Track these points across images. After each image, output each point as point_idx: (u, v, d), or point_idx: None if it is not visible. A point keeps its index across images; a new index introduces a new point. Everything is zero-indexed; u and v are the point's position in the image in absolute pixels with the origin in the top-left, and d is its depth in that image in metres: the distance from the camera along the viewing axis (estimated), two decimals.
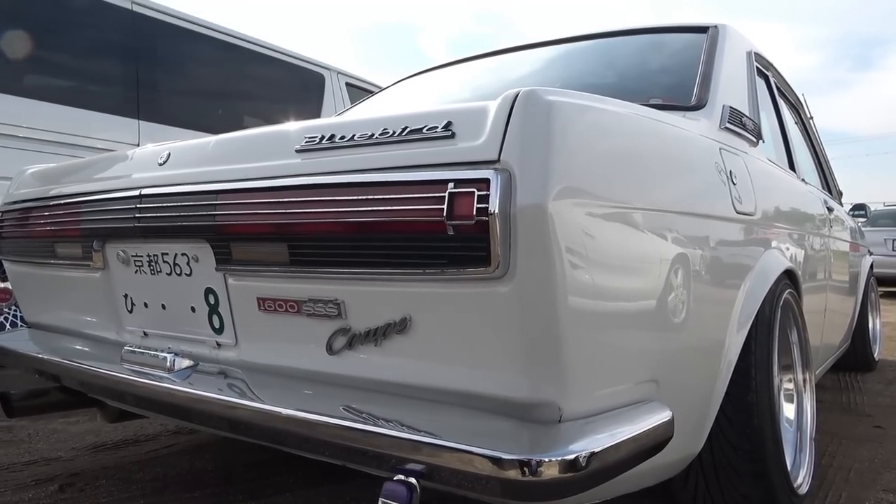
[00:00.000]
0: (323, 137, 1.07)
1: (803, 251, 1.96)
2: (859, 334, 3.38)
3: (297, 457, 1.29)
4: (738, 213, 1.39)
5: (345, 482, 1.76)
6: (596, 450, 0.86)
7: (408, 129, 0.98)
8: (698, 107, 1.53)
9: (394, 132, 0.99)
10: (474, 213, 0.87)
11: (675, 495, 1.44)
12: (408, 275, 0.96)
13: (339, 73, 5.15)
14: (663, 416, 1.00)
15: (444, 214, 0.89)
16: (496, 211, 0.86)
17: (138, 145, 3.51)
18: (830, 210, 2.60)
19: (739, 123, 1.60)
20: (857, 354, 3.45)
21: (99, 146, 3.38)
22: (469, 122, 0.93)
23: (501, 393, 0.94)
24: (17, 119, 3.17)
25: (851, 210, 3.87)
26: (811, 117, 3.09)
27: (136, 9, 3.78)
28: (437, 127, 0.95)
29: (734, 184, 1.41)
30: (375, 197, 0.96)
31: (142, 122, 3.73)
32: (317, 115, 4.77)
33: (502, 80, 2.14)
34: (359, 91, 5.17)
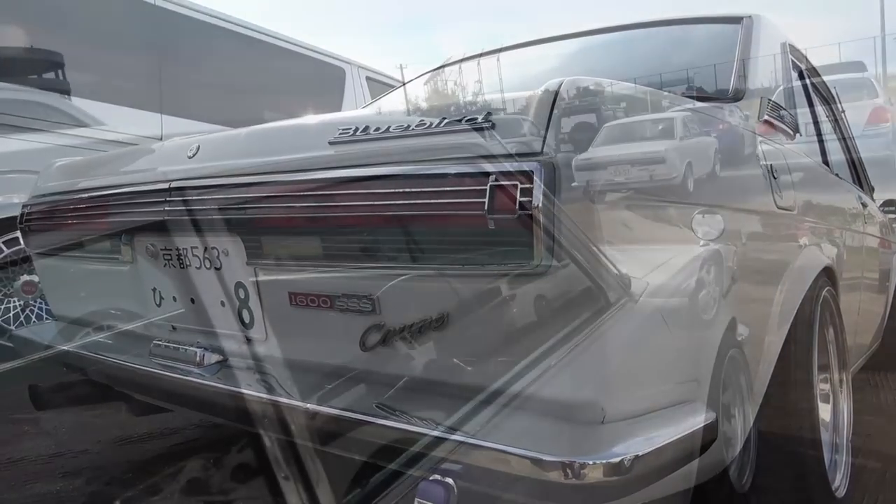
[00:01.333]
0: (358, 129, 1.05)
1: (840, 248, 1.91)
2: (889, 333, 3.32)
3: (323, 453, 1.27)
4: (778, 208, 1.35)
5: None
6: (640, 452, 0.83)
7: (446, 121, 0.95)
8: (736, 98, 1.49)
9: (431, 124, 0.96)
10: (517, 206, 0.84)
11: (708, 496, 1.41)
12: (446, 270, 0.94)
13: (359, 67, 5.13)
14: (707, 417, 0.97)
15: (486, 208, 0.86)
16: (539, 205, 0.83)
17: (161, 139, 3.52)
18: (864, 206, 2.54)
19: (777, 116, 1.56)
20: (887, 354, 3.38)
21: (121, 140, 3.39)
22: (510, 113, 0.91)
23: (541, 392, 0.92)
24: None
25: (882, 206, 3.79)
26: (843, 111, 3.02)
27: (159, 2, 3.78)
28: (476, 118, 0.92)
29: (774, 178, 1.37)
30: (412, 190, 0.93)
31: (164, 116, 3.74)
32: (337, 108, 4.76)
33: (533, 72, 2.11)
34: (379, 85, 5.15)
